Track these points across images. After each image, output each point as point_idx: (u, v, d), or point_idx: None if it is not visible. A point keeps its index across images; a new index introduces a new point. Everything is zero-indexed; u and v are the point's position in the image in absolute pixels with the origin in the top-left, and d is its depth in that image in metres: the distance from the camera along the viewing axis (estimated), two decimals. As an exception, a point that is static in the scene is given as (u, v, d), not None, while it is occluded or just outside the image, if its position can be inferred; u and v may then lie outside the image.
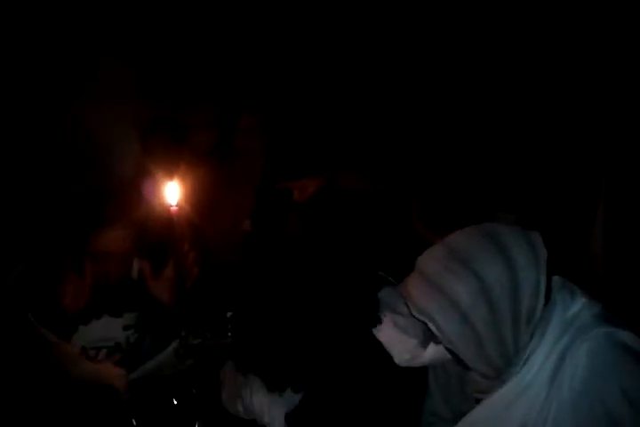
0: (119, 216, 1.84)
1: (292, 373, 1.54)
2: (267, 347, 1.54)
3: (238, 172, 2.63)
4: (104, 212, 1.83)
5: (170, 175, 1.54)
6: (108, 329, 1.92)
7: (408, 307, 1.33)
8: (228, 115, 2.69)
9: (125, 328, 1.94)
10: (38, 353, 1.69)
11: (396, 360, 1.48)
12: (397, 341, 1.47)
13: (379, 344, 1.49)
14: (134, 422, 1.54)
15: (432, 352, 1.37)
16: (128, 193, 2.01)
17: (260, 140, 2.64)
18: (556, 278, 1.31)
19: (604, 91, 2.34)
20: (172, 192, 1.46)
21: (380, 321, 1.52)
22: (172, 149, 2.40)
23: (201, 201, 2.10)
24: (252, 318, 1.54)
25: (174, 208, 1.44)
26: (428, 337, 1.33)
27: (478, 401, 1.32)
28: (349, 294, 1.60)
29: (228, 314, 1.44)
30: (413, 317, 1.32)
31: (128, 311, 1.95)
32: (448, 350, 1.29)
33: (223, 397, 1.70)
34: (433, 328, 1.27)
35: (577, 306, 1.25)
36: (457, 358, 1.29)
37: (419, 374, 1.56)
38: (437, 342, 1.30)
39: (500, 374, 1.26)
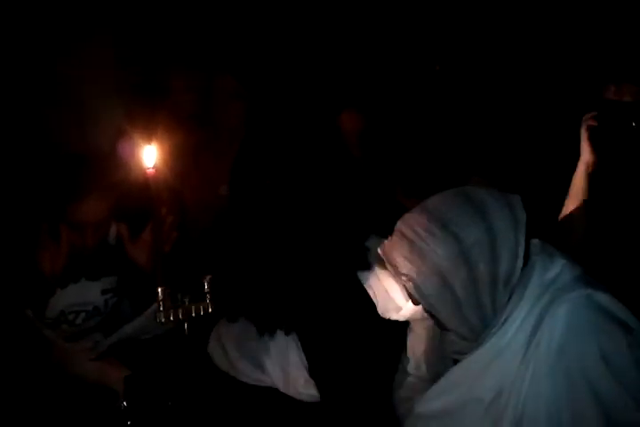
0: (96, 185, 1.80)
1: (281, 315, 1.57)
2: (255, 293, 1.57)
3: (217, 136, 2.60)
4: (81, 180, 1.80)
5: (148, 138, 1.51)
6: (87, 293, 1.91)
7: (389, 269, 1.34)
8: (208, 79, 2.65)
9: (104, 292, 1.94)
10: (38, 352, 1.70)
11: (379, 311, 1.50)
12: (381, 292, 1.49)
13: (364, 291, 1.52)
14: (129, 424, 1.55)
15: (409, 309, 1.39)
16: (106, 161, 1.97)
17: (240, 104, 2.60)
18: (535, 241, 1.32)
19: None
20: (149, 155, 1.42)
21: (368, 266, 1.55)
22: (151, 112, 2.36)
23: (179, 165, 2.07)
24: (238, 266, 1.56)
25: (151, 171, 1.41)
26: (407, 296, 1.35)
27: (456, 362, 1.33)
28: (336, 239, 1.62)
29: (207, 277, 1.43)
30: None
31: (106, 275, 1.94)
32: (427, 311, 1.30)
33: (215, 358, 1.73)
34: (412, 290, 1.27)
35: (556, 268, 1.26)
36: (435, 320, 1.30)
37: (399, 330, 1.59)
38: (416, 303, 1.30)
39: (477, 335, 1.27)
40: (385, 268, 1.52)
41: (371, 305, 1.58)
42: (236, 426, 1.55)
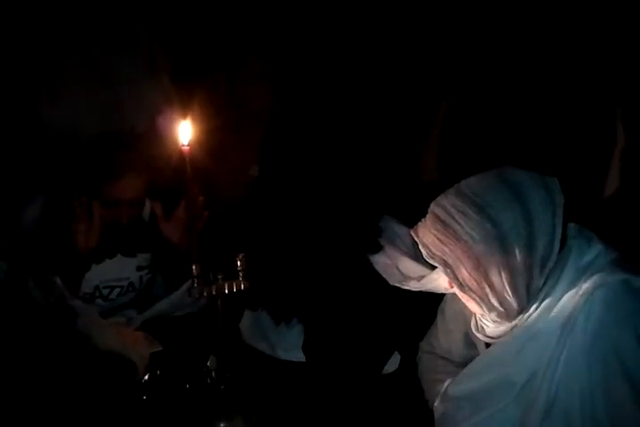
0: (133, 164, 1.82)
1: (296, 304, 1.58)
2: (273, 282, 1.59)
3: (245, 117, 2.60)
4: (117, 159, 1.82)
5: (183, 115, 1.51)
6: (122, 269, 1.94)
7: (420, 252, 1.33)
8: (237, 61, 2.66)
9: (139, 268, 1.96)
10: (61, 321, 1.72)
11: (389, 280, 1.50)
12: (390, 265, 1.49)
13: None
14: (144, 398, 1.57)
15: (430, 281, 1.39)
16: (142, 140, 1.99)
17: (266, 85, 2.60)
18: (572, 225, 1.30)
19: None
20: (184, 132, 1.43)
21: (380, 247, 1.55)
22: (186, 92, 2.38)
23: (211, 144, 2.08)
24: (260, 256, 1.58)
25: (186, 148, 1.41)
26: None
27: (488, 346, 1.33)
28: (351, 219, 1.63)
29: (240, 255, 1.44)
30: (426, 261, 1.32)
31: (141, 252, 1.96)
32: (460, 294, 1.29)
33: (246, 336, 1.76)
34: (446, 273, 1.27)
35: (593, 253, 1.24)
36: (468, 302, 1.30)
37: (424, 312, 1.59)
38: (451, 286, 1.30)
39: (511, 318, 1.26)
40: (398, 245, 1.53)
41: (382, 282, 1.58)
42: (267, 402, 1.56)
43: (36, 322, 1.69)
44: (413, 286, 1.50)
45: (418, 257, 1.52)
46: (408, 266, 1.54)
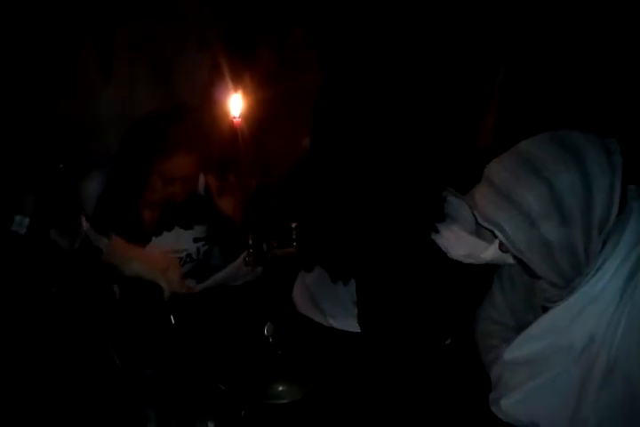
0: (185, 140, 1.83)
1: (354, 264, 1.58)
2: (324, 243, 1.60)
3: (296, 87, 2.60)
4: (170, 136, 1.82)
5: (234, 88, 1.52)
6: (180, 241, 1.98)
7: (475, 217, 1.32)
8: (284, 33, 2.64)
9: (195, 240, 2.00)
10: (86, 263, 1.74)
11: (451, 255, 1.49)
12: (453, 239, 1.48)
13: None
14: (172, 320, 1.60)
15: (491, 253, 1.37)
16: (194, 116, 2.00)
17: (311, 54, 2.59)
18: (632, 187, 1.26)
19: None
20: (235, 104, 1.44)
21: (444, 217, 1.54)
22: (236, 65, 2.38)
23: (263, 115, 2.09)
24: (316, 220, 1.58)
25: (238, 120, 1.43)
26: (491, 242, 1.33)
27: (546, 310, 1.31)
28: (412, 196, 1.61)
29: (294, 224, 1.46)
30: (481, 226, 1.31)
31: (198, 224, 2.00)
32: (516, 258, 1.28)
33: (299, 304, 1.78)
34: (501, 237, 1.25)
35: (655, 215, 1.21)
36: (525, 267, 1.28)
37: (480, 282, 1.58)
38: (505, 249, 1.28)
39: (569, 283, 1.24)
40: (461, 222, 1.51)
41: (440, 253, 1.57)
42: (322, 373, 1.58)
43: (61, 272, 1.71)
44: (475, 259, 1.49)
45: (479, 231, 1.50)
46: (469, 240, 1.53)
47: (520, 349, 1.33)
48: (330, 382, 1.52)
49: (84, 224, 1.61)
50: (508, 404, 1.32)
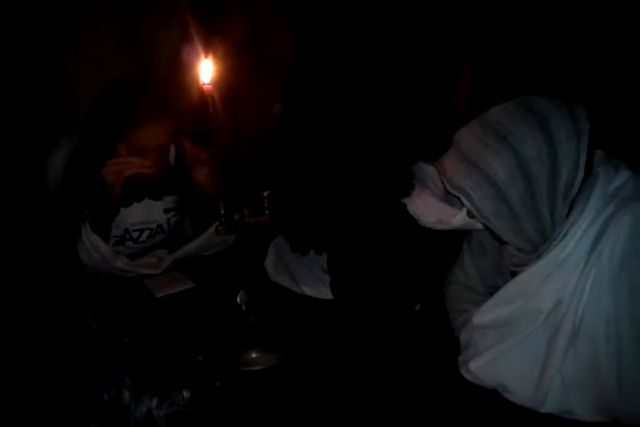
0: (155, 110, 1.79)
1: (324, 232, 1.59)
2: (296, 211, 1.60)
3: (267, 53, 2.56)
4: (140, 105, 1.78)
5: (205, 54, 1.49)
6: (150, 212, 1.96)
7: (443, 183, 1.32)
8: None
9: (166, 211, 1.98)
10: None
11: (421, 221, 1.50)
12: (423, 206, 1.49)
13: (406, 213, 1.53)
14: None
15: (460, 219, 1.39)
16: (164, 84, 1.96)
17: (282, 19, 2.55)
18: (599, 153, 1.28)
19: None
20: (206, 71, 1.42)
21: (412, 188, 1.54)
22: (206, 32, 2.34)
23: (232, 84, 2.07)
24: (288, 187, 1.58)
25: (208, 87, 1.40)
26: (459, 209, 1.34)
27: (514, 275, 1.33)
28: (383, 162, 1.61)
29: (266, 193, 1.45)
30: (448, 193, 1.32)
31: (168, 195, 1.98)
32: (484, 225, 1.29)
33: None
34: (467, 204, 1.26)
35: (620, 179, 1.22)
36: (492, 233, 1.30)
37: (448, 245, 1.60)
38: (471, 216, 1.30)
39: (536, 248, 1.26)
40: (431, 187, 1.52)
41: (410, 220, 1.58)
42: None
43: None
44: (444, 226, 1.50)
45: (448, 198, 1.51)
46: (439, 207, 1.54)
47: (489, 312, 1.35)
48: (303, 348, 1.54)
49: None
50: (476, 366, 1.35)
